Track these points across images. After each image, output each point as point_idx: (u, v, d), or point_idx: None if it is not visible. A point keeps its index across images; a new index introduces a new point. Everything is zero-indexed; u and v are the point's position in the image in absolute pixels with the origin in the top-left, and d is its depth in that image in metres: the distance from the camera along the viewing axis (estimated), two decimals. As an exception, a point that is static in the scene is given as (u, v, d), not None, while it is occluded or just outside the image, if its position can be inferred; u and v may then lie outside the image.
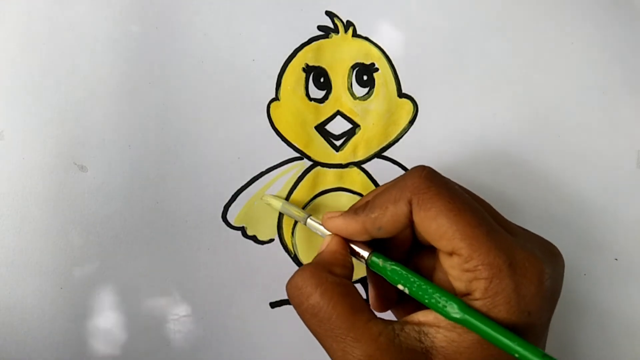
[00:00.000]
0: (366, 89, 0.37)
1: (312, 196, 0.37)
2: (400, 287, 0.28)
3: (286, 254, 0.37)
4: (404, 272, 0.29)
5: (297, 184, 0.37)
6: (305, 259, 0.37)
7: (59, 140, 0.35)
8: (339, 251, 0.31)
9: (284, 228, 0.37)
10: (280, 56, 0.36)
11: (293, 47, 0.37)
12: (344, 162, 0.37)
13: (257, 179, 0.37)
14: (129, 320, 0.36)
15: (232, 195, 0.36)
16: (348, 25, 0.37)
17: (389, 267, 0.29)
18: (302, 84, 0.37)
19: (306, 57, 0.37)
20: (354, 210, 0.31)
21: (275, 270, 0.37)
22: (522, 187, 0.37)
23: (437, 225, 0.27)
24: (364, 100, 0.37)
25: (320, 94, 0.37)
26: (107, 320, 0.36)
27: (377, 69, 0.37)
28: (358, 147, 0.37)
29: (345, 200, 0.37)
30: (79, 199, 0.35)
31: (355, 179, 0.37)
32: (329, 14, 0.37)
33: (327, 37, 0.37)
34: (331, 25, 0.37)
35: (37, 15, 0.35)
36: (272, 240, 0.37)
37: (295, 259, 0.37)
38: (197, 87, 0.36)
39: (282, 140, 0.37)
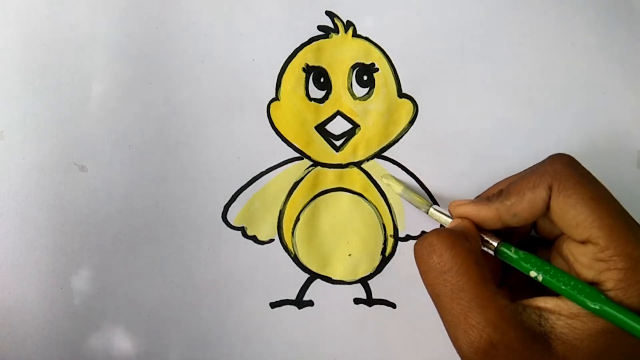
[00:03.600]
0: (366, 89, 0.37)
1: (312, 196, 0.37)
2: (532, 274, 0.29)
3: (286, 254, 0.37)
4: (537, 261, 0.29)
5: (297, 184, 0.37)
6: (305, 259, 0.37)
7: (59, 140, 0.35)
8: (471, 228, 0.31)
9: (284, 228, 0.37)
10: (280, 56, 0.36)
11: (293, 47, 0.37)
12: (344, 162, 0.37)
13: (257, 179, 0.37)
14: (129, 320, 0.36)
15: (232, 195, 0.36)
16: (348, 25, 0.37)
17: (521, 255, 0.30)
18: (302, 84, 0.37)
19: (306, 57, 0.37)
20: (485, 197, 0.31)
21: (275, 270, 0.37)
22: (522, 187, 0.37)
23: (575, 213, 0.27)
24: (364, 100, 0.37)
25: (320, 94, 0.37)
26: (107, 321, 0.36)
27: (377, 69, 0.37)
28: (358, 147, 0.37)
29: (346, 200, 0.37)
30: (79, 199, 0.35)
31: (355, 179, 0.37)
32: (329, 14, 0.37)
33: (327, 37, 0.37)
34: (331, 25, 0.37)
35: (37, 15, 0.35)
36: (272, 240, 0.37)
37: (295, 259, 0.37)
38: (197, 87, 0.36)
39: (282, 140, 0.37)
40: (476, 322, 0.27)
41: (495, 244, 0.31)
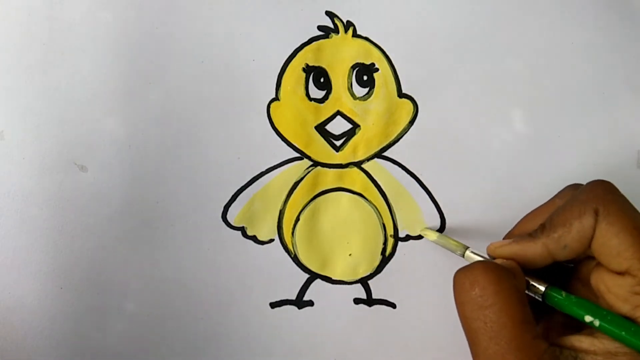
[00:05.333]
0: (366, 89, 0.37)
1: (312, 196, 0.37)
2: (587, 319, 0.27)
3: (286, 254, 0.37)
4: (592, 305, 0.28)
5: (297, 184, 0.37)
6: (305, 259, 0.37)
7: (59, 140, 0.35)
8: (517, 266, 0.29)
9: (284, 228, 0.37)
10: (280, 56, 0.36)
11: (293, 47, 0.37)
12: (344, 162, 0.37)
13: (257, 179, 0.37)
14: (129, 321, 0.36)
15: (232, 195, 0.36)
16: (348, 25, 0.37)
17: (573, 300, 0.28)
18: (302, 84, 0.37)
19: (306, 57, 0.37)
20: (526, 235, 0.30)
21: (275, 270, 0.37)
22: (521, 188, 0.37)
23: (618, 242, 0.26)
24: (364, 100, 0.37)
25: (320, 94, 0.37)
26: (107, 320, 0.36)
27: (377, 69, 0.37)
28: (358, 147, 0.37)
29: (346, 200, 0.37)
30: (79, 199, 0.35)
31: (355, 179, 0.37)
32: (329, 14, 0.37)
33: (327, 37, 0.37)
34: (331, 25, 0.37)
35: (37, 15, 0.35)
36: (272, 240, 0.37)
37: (295, 259, 0.37)
38: (197, 87, 0.36)
39: (282, 140, 0.37)
40: None
41: (542, 288, 0.29)
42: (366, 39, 0.37)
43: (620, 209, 0.27)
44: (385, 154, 0.37)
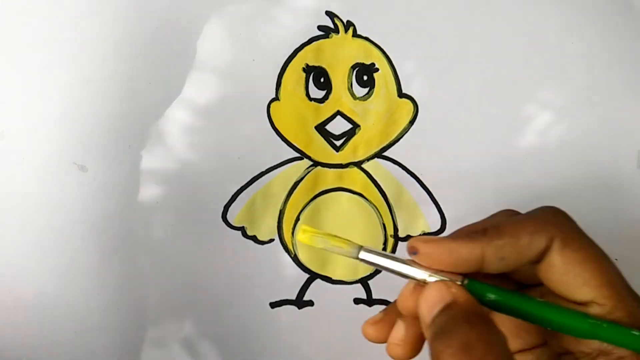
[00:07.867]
0: (366, 89, 0.37)
1: (312, 196, 0.37)
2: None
3: (286, 254, 0.37)
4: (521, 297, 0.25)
5: (297, 184, 0.37)
6: (305, 259, 0.37)
7: (59, 140, 0.35)
8: (474, 301, 0.24)
9: (284, 228, 0.37)
10: (280, 56, 0.36)
11: (293, 47, 0.37)
12: (344, 162, 0.37)
13: (258, 179, 0.37)
14: (129, 321, 0.36)
15: (232, 195, 0.36)
16: (348, 25, 0.37)
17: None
18: (302, 84, 0.37)
19: (306, 57, 0.37)
20: (464, 233, 0.26)
21: (275, 270, 0.37)
22: (522, 187, 0.37)
23: (581, 270, 0.24)
24: (364, 100, 0.37)
25: (320, 94, 0.37)
26: (107, 321, 0.36)
27: (377, 69, 0.37)
28: (358, 147, 0.37)
29: (346, 200, 0.37)
30: (79, 199, 0.35)
31: (355, 179, 0.37)
32: (329, 14, 0.37)
33: (327, 37, 0.37)
34: (331, 25, 0.37)
35: (37, 15, 0.35)
36: (272, 240, 0.37)
37: (295, 259, 0.37)
38: (197, 87, 0.36)
39: (282, 140, 0.37)
40: None
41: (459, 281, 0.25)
42: (366, 39, 0.37)
43: (583, 237, 0.25)
44: (385, 154, 0.37)
